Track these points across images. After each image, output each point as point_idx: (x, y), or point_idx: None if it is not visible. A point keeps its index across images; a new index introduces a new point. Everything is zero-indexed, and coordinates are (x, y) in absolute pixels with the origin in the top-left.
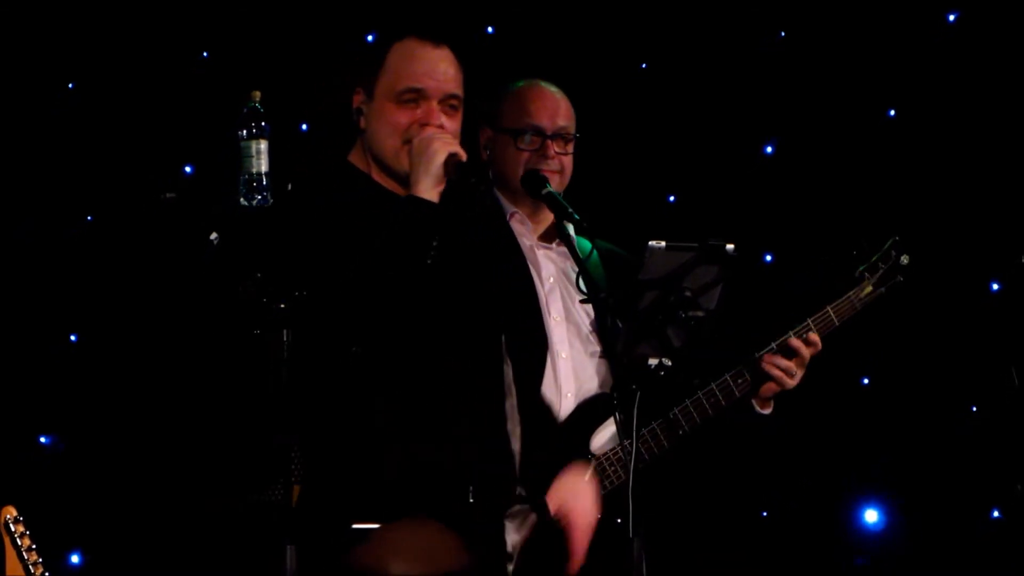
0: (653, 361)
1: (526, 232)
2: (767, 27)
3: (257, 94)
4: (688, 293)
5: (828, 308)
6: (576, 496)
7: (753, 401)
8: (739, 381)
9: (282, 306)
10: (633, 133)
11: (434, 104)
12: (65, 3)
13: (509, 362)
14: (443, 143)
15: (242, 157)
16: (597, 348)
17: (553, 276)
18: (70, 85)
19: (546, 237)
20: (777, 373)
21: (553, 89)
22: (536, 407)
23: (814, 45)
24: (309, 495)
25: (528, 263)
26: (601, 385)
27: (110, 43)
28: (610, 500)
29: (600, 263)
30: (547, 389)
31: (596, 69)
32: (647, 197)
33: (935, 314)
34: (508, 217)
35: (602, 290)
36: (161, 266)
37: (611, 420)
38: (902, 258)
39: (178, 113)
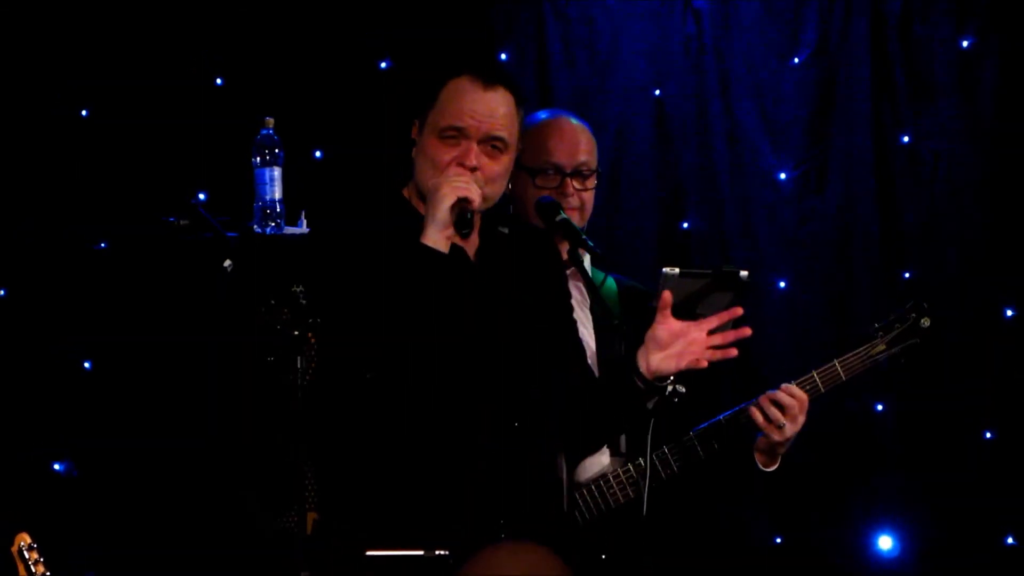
0: (667, 387)
1: None
2: (779, 55)
3: (271, 121)
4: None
5: (836, 362)
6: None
7: (756, 456)
8: (742, 419)
9: (296, 333)
10: (647, 159)
11: (473, 144)
12: (80, 29)
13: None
14: (452, 188)
15: (256, 184)
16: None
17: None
18: (84, 112)
19: None
20: (761, 421)
21: (575, 122)
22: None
23: (826, 68)
24: (325, 522)
25: None
26: None
27: (124, 68)
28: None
29: (614, 291)
30: None
31: (610, 92)
32: (662, 223)
33: (949, 340)
34: None
35: (615, 318)
36: (175, 293)
37: (603, 450)
38: (922, 321)
39: (192, 139)
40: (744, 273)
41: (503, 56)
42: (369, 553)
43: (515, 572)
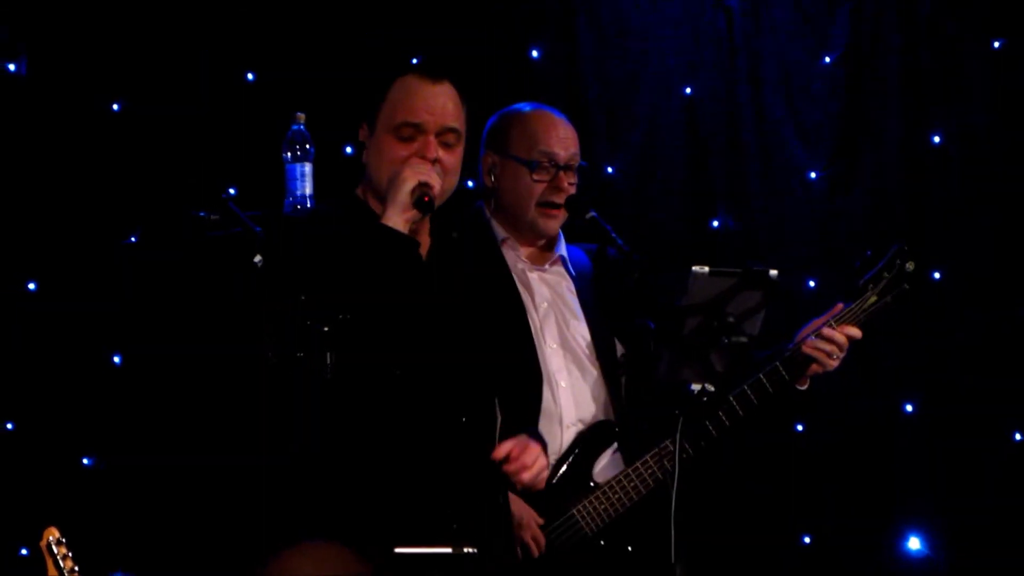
0: (696, 386)
1: (518, 257)
2: (809, 55)
3: (302, 116)
4: (731, 318)
5: (831, 321)
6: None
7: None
8: (774, 378)
9: (325, 329)
10: (677, 159)
11: (431, 138)
12: (110, 25)
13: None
14: (413, 172)
15: (287, 179)
16: (595, 373)
17: (547, 301)
18: (115, 106)
19: (539, 260)
20: (820, 355)
21: (561, 116)
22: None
23: (857, 69)
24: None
25: (521, 288)
26: (601, 412)
27: (154, 63)
28: (628, 519)
29: (588, 268)
30: (546, 420)
31: (638, 92)
32: (691, 222)
33: (979, 341)
34: (500, 243)
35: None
36: (204, 288)
37: (613, 447)
38: (907, 265)
39: (222, 134)
40: (774, 272)
41: (534, 53)
42: (398, 551)
43: (311, 571)
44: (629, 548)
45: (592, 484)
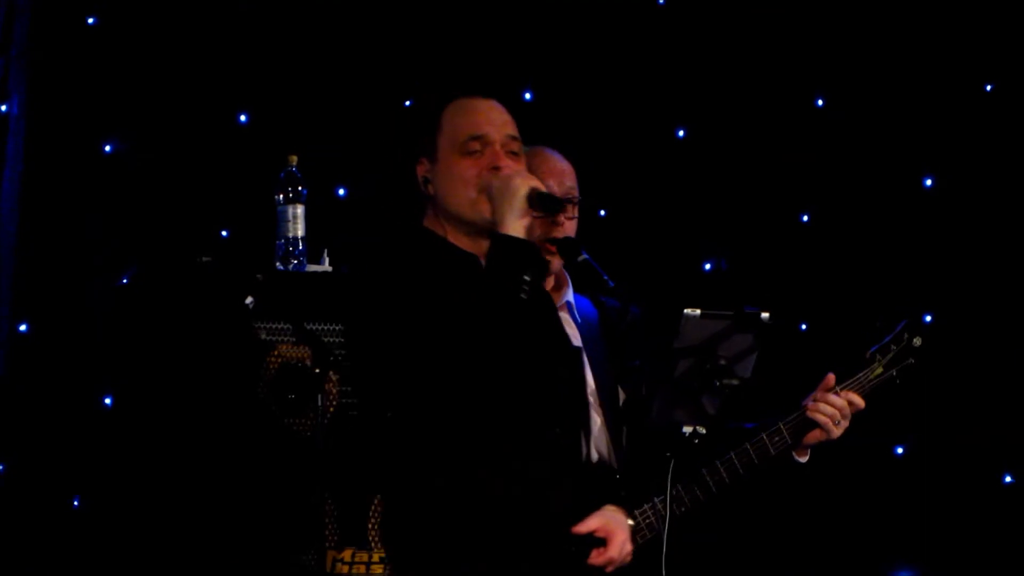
0: (687, 429)
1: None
2: (802, 96)
3: (294, 159)
4: (723, 361)
5: (837, 388)
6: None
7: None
8: (776, 439)
9: (317, 371)
10: (669, 201)
11: (498, 148)
12: (102, 65)
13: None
14: (524, 179)
15: (279, 221)
16: (599, 421)
17: (578, 340)
18: (107, 148)
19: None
20: (824, 419)
21: (558, 154)
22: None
23: (850, 113)
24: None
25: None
26: (604, 459)
27: (148, 105)
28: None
29: (595, 316)
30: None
31: (631, 134)
32: (682, 264)
33: (968, 383)
34: None
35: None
36: (197, 329)
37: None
38: (915, 340)
39: (215, 177)
40: (765, 315)
41: (527, 96)
42: None
43: None
44: None
45: None
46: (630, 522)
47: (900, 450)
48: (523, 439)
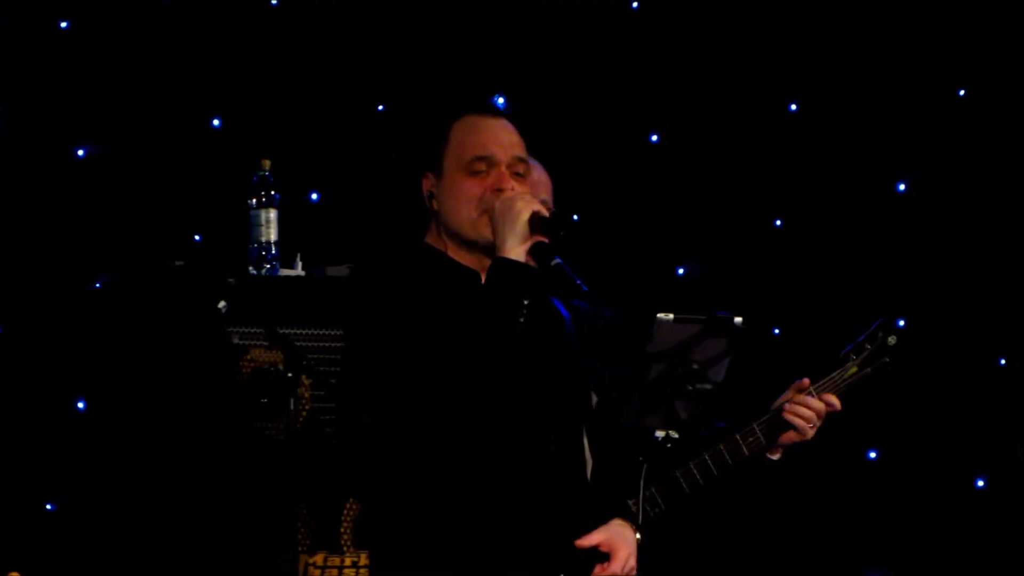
0: (660, 434)
1: None
2: (776, 101)
3: (267, 163)
4: (696, 365)
5: (812, 389)
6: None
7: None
8: (749, 440)
9: (289, 375)
10: (642, 205)
11: (503, 169)
12: (75, 70)
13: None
14: (526, 203)
15: (252, 226)
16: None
17: None
18: (80, 152)
19: None
20: (799, 422)
21: (537, 165)
22: None
23: (824, 118)
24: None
25: None
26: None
27: (121, 109)
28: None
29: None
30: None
31: (604, 140)
32: (656, 269)
33: (942, 388)
34: None
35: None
36: (170, 333)
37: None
38: (889, 339)
39: (188, 181)
40: (738, 320)
41: (500, 100)
42: None
43: None
44: None
45: None
46: (638, 536)
47: (873, 454)
48: (517, 450)
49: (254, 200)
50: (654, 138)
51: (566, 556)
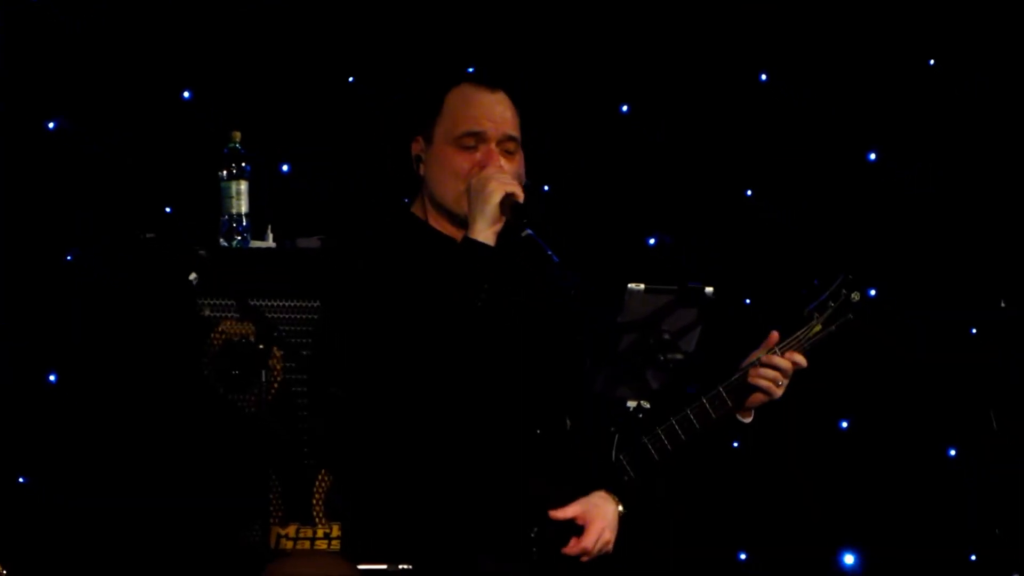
0: (632, 404)
1: None
2: (746, 71)
3: (237, 135)
4: (667, 335)
5: (777, 348)
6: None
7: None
8: (716, 403)
9: (260, 347)
10: (613, 176)
11: (492, 146)
12: (47, 41)
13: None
14: (499, 183)
15: (222, 198)
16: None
17: None
18: (50, 125)
19: None
20: (765, 384)
21: None
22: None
23: (794, 88)
24: (351, 534)
25: None
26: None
27: (91, 82)
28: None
29: None
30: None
31: (574, 110)
32: (626, 239)
33: (914, 357)
34: None
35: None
36: (140, 306)
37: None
38: (852, 295)
39: (159, 153)
40: (709, 289)
41: (469, 71)
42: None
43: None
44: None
45: None
46: (620, 509)
47: (845, 424)
48: (482, 428)
49: (225, 172)
50: (624, 108)
51: (541, 530)
